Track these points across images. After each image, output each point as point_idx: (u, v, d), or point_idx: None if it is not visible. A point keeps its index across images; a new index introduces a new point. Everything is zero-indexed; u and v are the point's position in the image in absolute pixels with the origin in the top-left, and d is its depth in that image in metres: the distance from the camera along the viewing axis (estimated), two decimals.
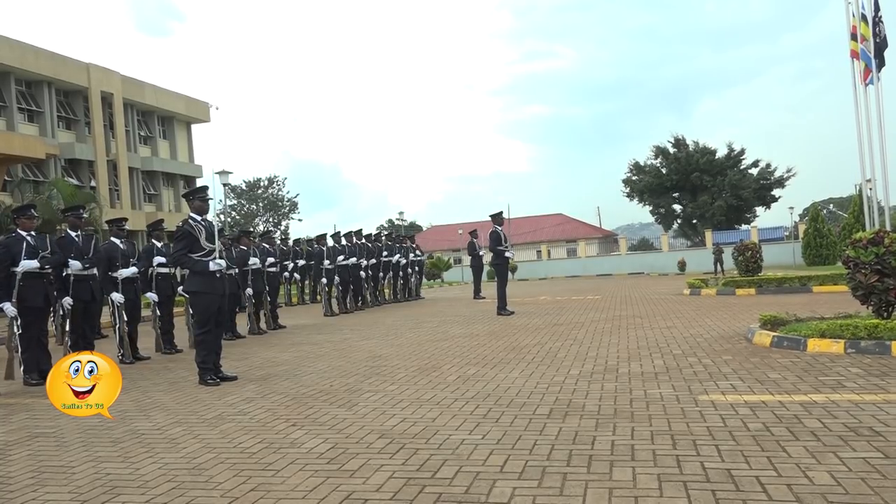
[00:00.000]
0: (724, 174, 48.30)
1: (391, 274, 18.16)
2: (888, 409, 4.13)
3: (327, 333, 10.78)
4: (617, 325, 9.70)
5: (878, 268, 6.62)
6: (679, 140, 51.72)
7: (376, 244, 17.50)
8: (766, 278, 16.37)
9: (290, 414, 4.98)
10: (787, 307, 9.38)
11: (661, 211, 52.69)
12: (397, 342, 9.02)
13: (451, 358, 7.30)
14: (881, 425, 3.80)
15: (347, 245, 16.03)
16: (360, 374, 6.55)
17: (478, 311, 14.12)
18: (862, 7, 12.95)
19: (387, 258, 17.60)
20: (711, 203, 47.91)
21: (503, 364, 6.70)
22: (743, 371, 5.63)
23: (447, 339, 9.01)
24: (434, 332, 10.14)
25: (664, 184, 50.61)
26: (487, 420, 4.45)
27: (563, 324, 10.36)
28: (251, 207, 60.67)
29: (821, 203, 54.36)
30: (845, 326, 6.51)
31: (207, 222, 7.00)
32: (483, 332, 9.80)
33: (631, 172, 53.49)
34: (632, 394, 5.01)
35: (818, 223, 33.74)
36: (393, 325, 11.64)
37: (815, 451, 3.42)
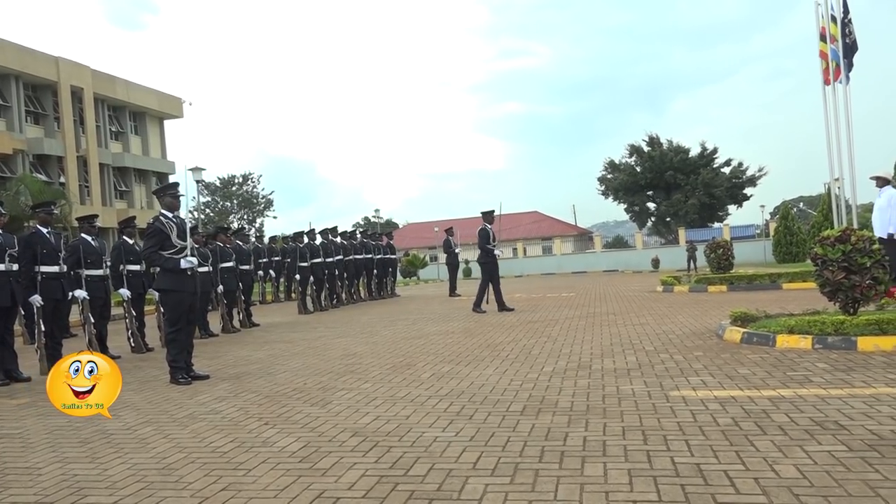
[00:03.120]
0: (697, 173, 48.97)
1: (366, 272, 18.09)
2: (853, 404, 4.21)
3: (302, 332, 10.71)
4: (591, 322, 9.77)
5: (845, 265, 6.74)
6: (653, 138, 52.33)
7: (352, 242, 17.43)
8: (738, 275, 16.61)
9: (262, 412, 4.94)
10: (758, 304, 9.52)
11: (636, 209, 53.26)
12: (372, 340, 8.99)
13: (426, 355, 7.30)
14: (846, 419, 3.87)
15: (323, 242, 15.95)
16: (335, 372, 6.52)
17: (453, 308, 14.13)
18: (831, 9, 13.18)
19: (362, 256, 17.53)
20: (685, 201, 48.54)
21: (478, 361, 6.71)
22: (713, 367, 5.71)
23: (422, 337, 9.01)
24: (409, 329, 10.12)
25: (638, 182, 51.18)
26: (461, 417, 4.46)
27: (537, 321, 10.41)
28: (225, 204, 60.08)
29: (791, 201, 55.21)
30: (813, 322, 6.62)
31: (179, 219, 6.92)
32: (458, 329, 9.81)
33: (606, 170, 54.00)
34: (604, 390, 5.05)
35: (788, 221, 34.37)
36: (368, 323, 11.61)
37: (782, 445, 3.48)
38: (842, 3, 12.54)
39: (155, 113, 40.23)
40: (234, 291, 11.74)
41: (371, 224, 69.78)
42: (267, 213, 60.69)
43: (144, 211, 35.12)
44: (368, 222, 73.62)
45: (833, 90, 13.52)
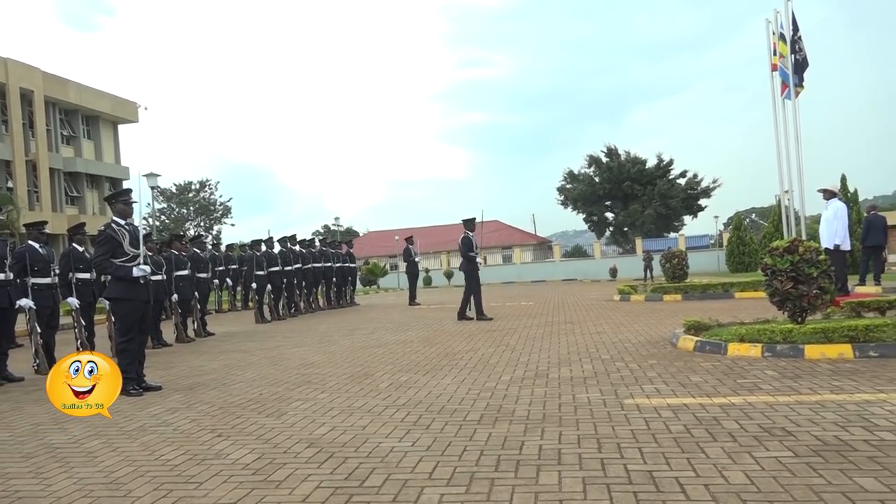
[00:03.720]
0: (653, 184, 49.95)
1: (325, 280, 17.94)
2: (799, 410, 4.33)
3: (258, 341, 10.56)
4: (549, 331, 9.86)
5: (793, 275, 6.94)
6: (611, 150, 53.24)
7: (310, 250, 17.28)
8: (692, 285, 16.96)
9: (215, 424, 4.85)
10: (711, 312, 9.73)
11: (594, 219, 54.04)
12: (330, 349, 8.91)
13: (384, 365, 7.27)
14: (793, 425, 3.98)
15: (282, 250, 15.78)
16: (291, 383, 6.44)
17: (413, 317, 14.11)
18: (781, 26, 13.62)
19: (321, 265, 17.38)
20: (642, 211, 49.44)
21: (436, 370, 6.71)
22: (667, 375, 5.81)
23: (381, 346, 8.97)
24: (368, 338, 10.06)
25: (597, 192, 51.98)
26: (418, 427, 4.45)
27: (496, 330, 10.46)
28: (181, 211, 58.96)
29: (744, 212, 56.78)
30: (763, 331, 6.80)
31: (132, 226, 6.78)
32: (417, 338, 9.80)
33: (565, 181, 54.71)
34: (561, 398, 5.10)
35: (741, 232, 35.28)
36: (326, 332, 11.51)
37: (732, 452, 3.56)
38: (791, 22, 12.96)
39: (109, 117, 39.31)
40: (189, 300, 11.52)
41: (331, 232, 69.31)
42: (224, 221, 59.75)
43: (96, 217, 34.22)
44: (328, 230, 73.11)
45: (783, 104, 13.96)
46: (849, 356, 6.15)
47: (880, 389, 4.81)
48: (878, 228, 14.93)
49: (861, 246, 15.44)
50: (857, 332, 6.36)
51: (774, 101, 14.10)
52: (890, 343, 6.18)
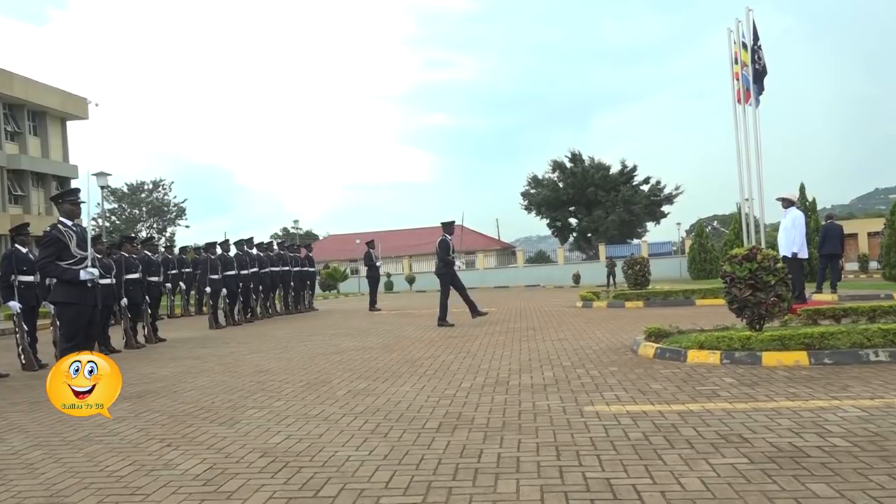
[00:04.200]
0: (617, 190, 50.68)
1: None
2: (756, 417, 4.44)
3: (212, 347, 10.41)
4: (510, 338, 9.92)
5: (752, 282, 7.12)
6: (575, 155, 53.86)
7: (268, 253, 17.12)
8: (654, 292, 17.25)
9: (165, 433, 4.76)
10: (672, 319, 9.91)
11: (558, 224, 54.58)
12: (286, 356, 8.83)
13: (342, 372, 7.24)
14: (749, 432, 4.08)
15: (238, 254, 15.60)
16: (245, 390, 6.37)
17: (372, 323, 14.07)
18: (742, 35, 13.99)
19: (279, 269, 17.23)
20: (605, 217, 50.11)
21: (395, 377, 6.70)
22: (627, 382, 5.90)
23: (339, 353, 8.92)
24: (326, 345, 10.01)
25: (561, 197, 52.51)
26: (375, 435, 4.44)
27: (457, 336, 10.49)
28: (133, 212, 57.77)
29: (705, 219, 58.05)
30: (721, 338, 6.95)
31: (79, 227, 6.63)
32: (376, 344, 9.77)
33: (529, 185, 55.16)
34: (521, 406, 5.14)
35: (703, 239, 36.02)
36: (283, 338, 11.40)
37: (689, 459, 3.63)
38: (752, 31, 13.34)
39: (57, 113, 38.32)
40: (139, 304, 11.31)
41: (290, 235, 68.69)
42: (178, 222, 58.75)
43: (42, 217, 33.29)
44: (287, 233, 72.45)
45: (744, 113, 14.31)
46: (804, 363, 6.33)
47: (834, 396, 4.96)
48: (834, 237, 15.41)
49: (818, 254, 15.92)
50: (813, 339, 6.55)
51: (735, 110, 14.45)
52: (844, 350, 6.38)
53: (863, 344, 6.44)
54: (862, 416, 4.32)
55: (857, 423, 4.18)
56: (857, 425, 4.11)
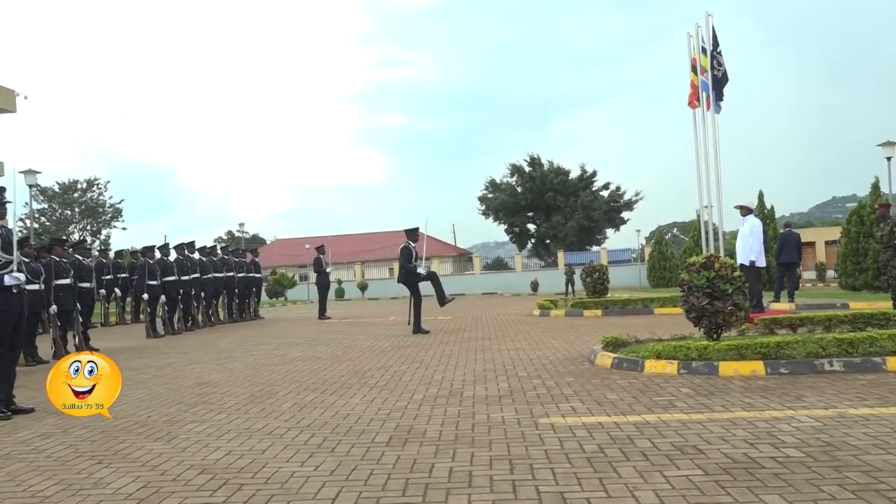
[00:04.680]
0: (576, 195, 51.32)
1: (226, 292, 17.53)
2: (711, 428, 4.56)
3: (149, 358, 10.21)
4: (465, 348, 9.97)
5: (709, 291, 7.30)
6: (534, 159, 54.37)
7: (211, 258, 16.87)
8: (612, 300, 17.53)
9: (95, 450, 4.64)
10: (630, 328, 10.09)
11: (516, 230, 54.97)
12: (229, 367, 8.72)
13: (289, 383, 7.18)
14: (704, 443, 4.19)
15: (178, 258, 15.34)
16: (184, 403, 6.26)
17: (322, 332, 13.97)
18: (702, 41, 14.34)
19: (223, 274, 16.98)
20: (564, 224, 50.68)
21: (344, 389, 6.68)
22: (584, 393, 5.99)
23: (285, 363, 8.85)
24: (272, 355, 9.92)
25: (519, 202, 52.91)
26: (322, 450, 4.41)
27: (410, 346, 10.49)
28: (65, 213, 56.13)
29: (665, 227, 59.22)
30: (679, 348, 7.11)
31: (4, 229, 6.42)
32: (325, 354, 9.72)
33: (486, 190, 55.45)
34: (474, 418, 5.17)
35: (662, 246, 36.76)
36: (226, 347, 11.25)
37: (644, 471, 3.70)
38: (711, 36, 13.70)
39: None
40: (70, 312, 11.01)
41: (235, 239, 67.73)
42: (115, 224, 57.26)
43: None
44: (232, 237, 71.43)
45: (703, 119, 14.67)
46: (761, 373, 6.52)
47: (789, 406, 5.12)
48: (791, 245, 15.91)
49: (776, 262, 16.41)
50: (769, 348, 6.75)
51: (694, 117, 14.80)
52: (800, 360, 6.60)
53: (818, 353, 6.67)
54: (815, 426, 4.48)
55: (811, 433, 4.32)
56: (811, 435, 4.26)
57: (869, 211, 19.16)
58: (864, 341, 6.76)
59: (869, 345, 6.72)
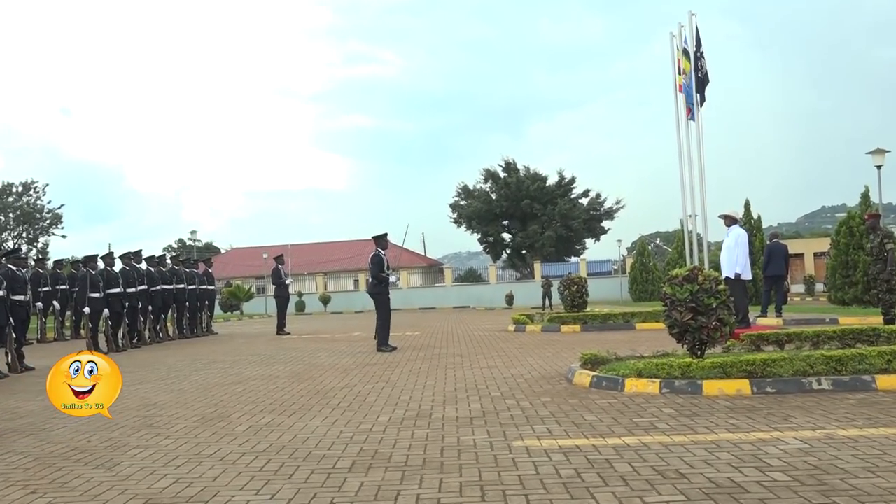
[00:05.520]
0: (554, 203, 51.63)
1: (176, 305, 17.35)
2: (694, 451, 4.61)
3: None
4: (435, 365, 9.98)
5: (693, 305, 7.39)
6: (510, 164, 54.66)
7: (160, 269, 16.70)
8: (592, 314, 17.67)
9: (29, 478, 4.56)
10: (610, 345, 10.18)
11: (490, 239, 55.17)
12: (179, 387, 8.63)
13: (243, 405, 7.13)
14: (687, 467, 4.24)
15: (124, 269, 15.17)
16: (129, 427, 6.17)
17: (280, 349, 13.90)
18: (684, 41, 14.59)
19: (172, 286, 16.82)
20: (541, 233, 50.96)
21: (304, 411, 6.64)
22: (560, 414, 6.03)
23: (240, 383, 8.79)
24: (225, 373, 9.85)
25: (493, 210, 53.11)
26: (279, 476, 4.38)
27: (375, 363, 10.48)
28: None
29: (648, 237, 59.95)
30: (661, 366, 7.19)
31: None
32: (284, 373, 9.67)
33: (459, 196, 55.62)
34: (444, 441, 5.17)
35: (644, 258, 37.18)
36: (175, 366, 11.12)
37: (623, 497, 3.73)
38: (695, 37, 13.94)
39: None
40: (2, 327, 10.84)
41: (186, 248, 67.03)
42: (53, 231, 56.30)
43: None
44: (183, 246, 70.70)
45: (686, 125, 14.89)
46: (746, 392, 6.62)
47: (775, 427, 5.20)
48: (779, 257, 16.18)
49: (762, 275, 16.69)
50: (755, 366, 6.86)
51: (678, 122, 15.02)
52: (787, 378, 6.71)
53: (806, 372, 6.79)
54: (803, 449, 4.55)
55: (798, 455, 4.40)
56: (798, 458, 4.33)
57: (858, 222, 19.58)
58: (852, 359, 6.90)
59: (858, 362, 6.86)
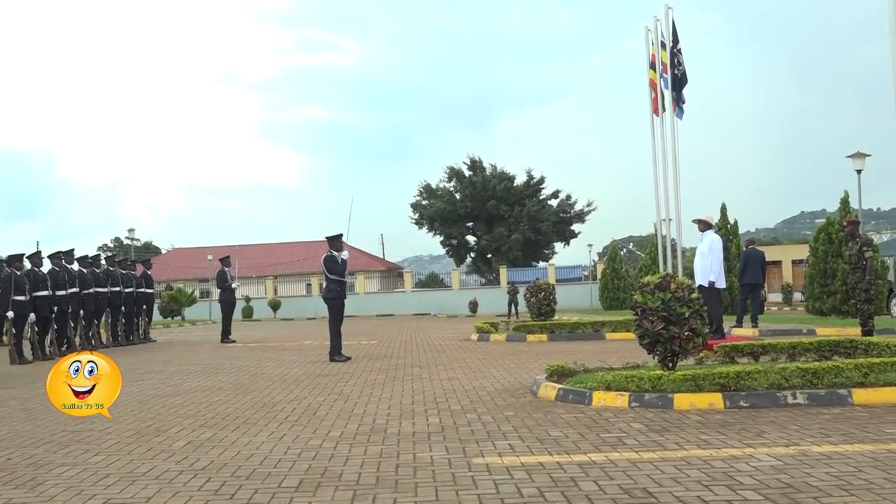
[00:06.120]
0: (522, 204, 51.96)
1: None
2: (663, 468, 4.68)
3: (14, 388, 9.93)
4: (392, 377, 9.98)
5: (664, 314, 7.49)
6: (475, 162, 54.90)
7: (93, 270, 16.44)
8: (559, 323, 17.82)
9: None
10: (578, 356, 10.28)
11: (454, 242, 55.32)
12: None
13: (182, 418, 7.06)
14: (655, 485, 4.29)
15: (53, 269, 14.89)
16: (55, 443, 6.07)
17: (224, 358, 13.79)
18: (661, 35, 14.77)
19: (107, 289, 16.57)
20: (508, 236, 51.23)
21: (249, 425, 6.60)
22: (524, 429, 6.07)
23: (180, 395, 8.70)
24: (164, 384, 9.76)
25: (457, 211, 53.26)
26: (220, 497, 4.34)
27: (327, 374, 10.45)
28: None
29: (620, 241, 60.54)
30: (631, 378, 7.28)
31: None
32: (228, 384, 9.61)
33: (421, 195, 55.67)
34: (399, 458, 5.17)
35: (616, 263, 37.60)
36: None
37: None
38: (671, 32, 14.11)
39: None
40: None
41: (123, 247, 66.02)
42: None
43: None
44: (120, 245, 69.66)
45: (661, 124, 15.09)
46: (719, 406, 6.73)
47: (748, 444, 5.30)
48: (755, 264, 16.45)
49: (738, 283, 16.97)
50: (729, 380, 6.98)
51: (652, 121, 15.22)
52: (761, 392, 6.84)
53: (781, 385, 6.93)
54: (776, 466, 4.65)
55: (771, 473, 4.49)
56: (771, 476, 4.42)
57: (838, 228, 20.05)
58: (829, 371, 7.07)
59: (834, 375, 7.03)
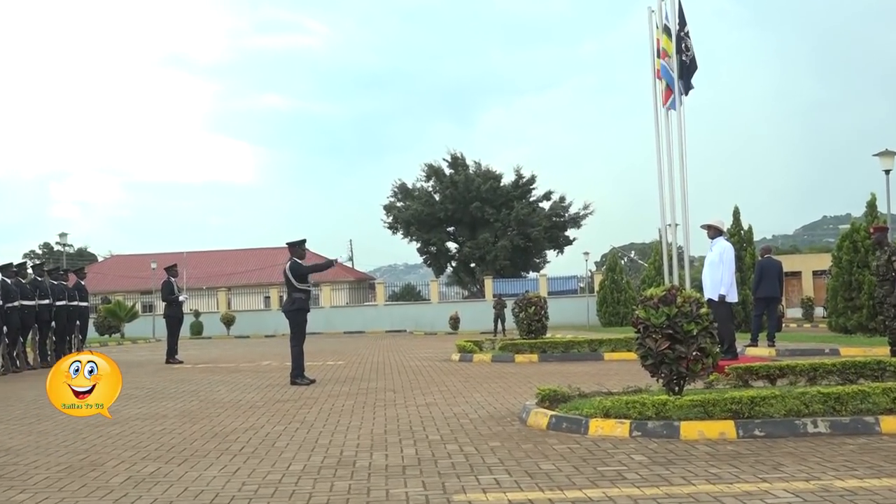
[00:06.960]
0: (510, 207, 52.07)
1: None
2: None
3: None
4: (362, 402, 9.97)
5: (670, 332, 7.53)
6: (457, 159, 54.96)
7: (18, 280, 16.32)
8: (552, 342, 17.84)
9: None
10: (573, 378, 10.32)
11: (432, 249, 55.35)
12: (39, 428, 8.46)
13: (121, 450, 6.99)
14: None
15: None
16: None
17: (170, 381, 13.71)
18: (665, 18, 14.85)
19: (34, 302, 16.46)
20: (494, 243, 51.31)
21: (198, 458, 6.57)
22: (511, 461, 6.08)
23: (118, 423, 8.62)
24: None
25: (437, 214, 53.28)
26: None
27: (288, 399, 10.43)
28: None
29: (621, 249, 60.80)
30: (632, 403, 7.31)
31: None
32: (174, 411, 9.57)
33: (395, 197, 55.67)
34: (370, 495, 5.17)
35: (616, 274, 37.74)
36: (36, 401, 10.85)
37: None
38: (678, 13, 14.19)
39: None
40: None
41: (53, 254, 65.52)
42: None
43: None
44: (50, 252, 69.11)
45: (667, 118, 15.15)
46: (731, 435, 6.79)
47: (763, 478, 5.34)
48: (772, 276, 16.52)
49: (753, 297, 17.07)
50: (742, 406, 7.02)
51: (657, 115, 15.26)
52: (778, 419, 6.90)
53: (800, 412, 6.99)
54: (794, 503, 4.69)
55: None
56: None
57: (864, 235, 20.15)
58: (854, 397, 7.13)
59: (860, 401, 7.09)
